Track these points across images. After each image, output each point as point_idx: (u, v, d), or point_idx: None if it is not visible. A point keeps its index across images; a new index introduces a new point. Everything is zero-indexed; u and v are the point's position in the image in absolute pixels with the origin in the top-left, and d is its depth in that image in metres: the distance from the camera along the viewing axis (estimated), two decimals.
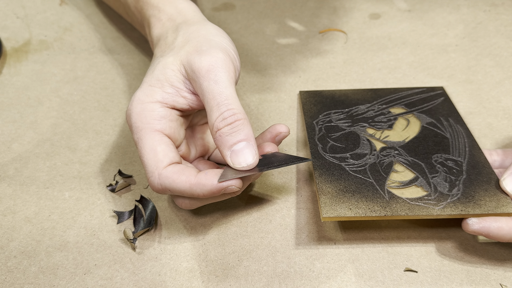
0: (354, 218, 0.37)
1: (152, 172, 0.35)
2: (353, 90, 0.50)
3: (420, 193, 0.39)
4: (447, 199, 0.38)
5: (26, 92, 0.54)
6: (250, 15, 0.62)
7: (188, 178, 0.35)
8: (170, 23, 0.43)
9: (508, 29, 0.57)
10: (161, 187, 0.35)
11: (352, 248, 0.39)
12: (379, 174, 0.40)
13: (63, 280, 0.38)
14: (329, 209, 0.37)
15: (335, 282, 0.37)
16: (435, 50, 0.56)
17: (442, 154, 0.42)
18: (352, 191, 0.39)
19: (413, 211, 0.37)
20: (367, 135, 0.44)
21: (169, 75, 0.37)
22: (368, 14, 0.61)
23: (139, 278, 0.38)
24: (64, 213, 0.42)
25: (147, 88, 0.37)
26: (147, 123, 0.36)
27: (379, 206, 0.37)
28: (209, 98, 0.35)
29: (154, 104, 0.37)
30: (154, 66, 0.39)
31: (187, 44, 0.39)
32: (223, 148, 0.35)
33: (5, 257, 0.39)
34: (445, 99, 0.48)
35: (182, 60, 0.37)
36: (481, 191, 0.39)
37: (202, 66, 0.36)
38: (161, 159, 0.35)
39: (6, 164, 0.47)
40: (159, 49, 0.41)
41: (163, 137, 0.36)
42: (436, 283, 0.37)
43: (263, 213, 0.42)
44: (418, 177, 0.40)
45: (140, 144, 0.36)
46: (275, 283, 0.37)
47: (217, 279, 0.38)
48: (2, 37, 0.61)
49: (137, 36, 0.60)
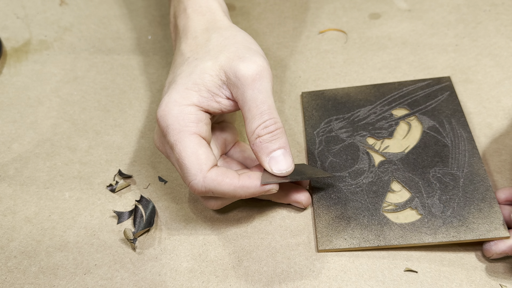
0: (348, 249, 0.38)
1: (195, 175, 0.36)
2: (355, 88, 0.50)
3: (414, 217, 0.39)
4: (440, 223, 0.38)
5: (26, 92, 0.54)
6: (250, 15, 0.62)
7: (232, 181, 0.36)
8: (197, 17, 0.42)
9: (509, 29, 0.57)
10: (205, 189, 0.36)
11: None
12: (375, 196, 0.41)
13: (63, 280, 0.38)
14: (325, 241, 0.39)
15: (335, 282, 0.37)
16: (435, 50, 0.56)
17: (441, 167, 0.42)
18: (348, 218, 0.40)
19: (406, 239, 0.38)
20: (366, 147, 0.44)
21: (207, 80, 0.38)
22: (368, 14, 0.61)
23: (139, 278, 0.38)
24: (64, 213, 0.42)
25: (184, 91, 0.37)
26: (185, 125, 0.36)
27: (373, 235, 0.38)
28: (252, 106, 0.36)
29: (191, 107, 0.37)
30: (190, 68, 0.38)
31: (225, 49, 0.39)
32: (262, 154, 0.37)
33: (5, 257, 0.39)
34: (451, 93, 0.48)
35: (223, 66, 0.38)
36: (476, 211, 0.39)
37: (249, 75, 0.36)
38: (204, 162, 0.36)
39: (6, 164, 0.47)
40: (188, 47, 0.41)
41: (201, 140, 0.37)
42: (436, 283, 0.37)
43: (263, 214, 0.42)
44: (414, 197, 0.40)
45: (179, 147, 0.36)
46: (275, 283, 0.37)
47: (217, 279, 0.38)
48: (2, 37, 0.61)
49: (137, 36, 0.60)
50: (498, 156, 0.45)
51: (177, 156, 0.36)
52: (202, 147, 0.36)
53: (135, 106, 0.52)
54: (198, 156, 0.36)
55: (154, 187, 0.44)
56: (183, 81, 0.38)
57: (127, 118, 0.51)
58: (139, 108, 0.52)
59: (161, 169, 0.46)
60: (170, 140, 0.37)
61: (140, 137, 0.49)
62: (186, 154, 0.36)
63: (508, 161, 0.45)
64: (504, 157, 0.45)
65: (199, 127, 0.37)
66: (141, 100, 0.53)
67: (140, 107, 0.52)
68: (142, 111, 0.51)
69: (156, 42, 0.59)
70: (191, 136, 0.36)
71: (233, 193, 0.36)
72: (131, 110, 0.51)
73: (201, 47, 0.40)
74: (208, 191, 0.36)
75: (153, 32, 0.61)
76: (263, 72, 0.37)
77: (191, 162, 0.36)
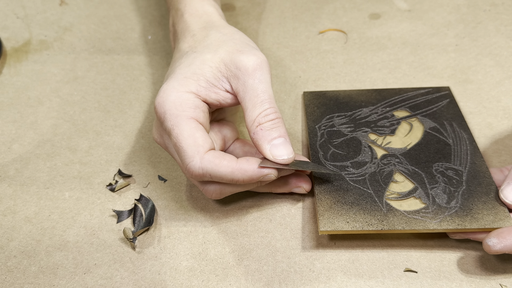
0: (351, 232, 0.37)
1: (192, 157, 0.36)
2: (357, 91, 0.50)
3: (418, 205, 0.39)
4: (444, 212, 0.38)
5: (26, 92, 0.54)
6: (250, 15, 0.62)
7: (230, 163, 0.36)
8: (194, 19, 0.44)
9: (508, 29, 0.57)
10: (202, 171, 0.36)
11: (352, 248, 0.39)
12: (378, 185, 0.40)
13: (63, 279, 0.38)
14: (326, 222, 0.38)
15: (335, 282, 0.37)
16: (435, 50, 0.56)
17: (443, 162, 0.42)
18: (351, 203, 0.39)
19: (410, 224, 0.37)
20: (368, 141, 0.44)
21: (206, 70, 0.38)
22: (368, 14, 0.61)
23: (139, 277, 0.38)
24: (64, 213, 0.42)
25: (182, 79, 0.38)
26: (183, 110, 0.37)
27: (376, 219, 0.38)
28: (253, 95, 0.37)
29: (189, 94, 0.38)
30: (189, 60, 0.39)
31: (223, 44, 0.40)
32: (263, 142, 0.37)
33: (5, 257, 0.39)
34: (451, 100, 0.48)
35: (223, 58, 0.38)
36: (480, 203, 0.38)
37: (249, 65, 0.37)
38: (201, 144, 0.36)
39: (6, 164, 0.47)
40: (186, 44, 0.42)
41: (198, 124, 0.37)
42: (436, 283, 0.37)
43: (263, 212, 0.42)
44: (417, 188, 0.40)
45: (176, 131, 0.36)
46: (275, 282, 0.37)
47: (217, 278, 0.38)
48: (2, 37, 0.61)
49: (137, 37, 0.60)
50: (498, 157, 0.45)
51: (174, 140, 0.37)
52: (199, 131, 0.36)
53: (135, 107, 0.52)
54: (196, 138, 0.36)
55: (154, 186, 0.44)
56: (181, 71, 0.39)
57: (127, 118, 0.51)
58: (139, 108, 0.52)
59: (161, 168, 0.46)
60: (167, 125, 0.37)
61: (140, 137, 0.49)
62: (183, 137, 0.36)
63: (508, 161, 0.45)
64: (504, 157, 0.45)
65: (197, 113, 0.37)
66: (141, 101, 0.53)
67: (140, 107, 0.52)
68: (142, 111, 0.51)
69: (156, 42, 0.59)
70: (188, 120, 0.36)
71: (230, 176, 0.36)
72: (131, 111, 0.51)
73: (199, 42, 0.41)
74: (205, 173, 0.36)
75: (153, 32, 0.61)
76: (263, 64, 0.38)
77: (188, 145, 0.36)
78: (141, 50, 0.59)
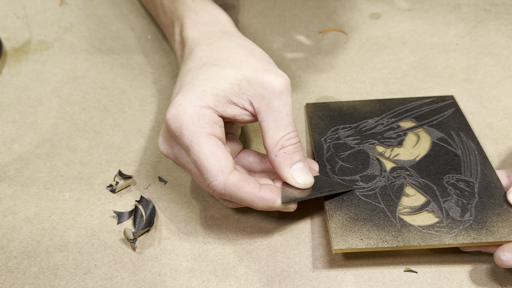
0: (365, 249, 0.36)
1: (216, 176, 0.35)
2: (361, 102, 0.49)
3: (432, 220, 0.38)
4: (459, 226, 0.37)
5: (26, 92, 0.54)
6: (250, 15, 0.62)
7: (253, 190, 0.36)
8: (207, 28, 0.43)
9: (509, 28, 0.57)
10: (225, 192, 0.36)
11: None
12: (390, 199, 0.40)
13: (63, 280, 0.38)
14: (340, 240, 0.37)
15: (335, 282, 0.37)
16: (435, 50, 0.56)
17: (454, 174, 0.41)
18: (363, 219, 0.38)
19: (425, 240, 0.36)
20: (376, 154, 0.43)
21: (227, 86, 0.37)
22: (368, 14, 0.61)
23: (139, 278, 0.38)
24: (65, 214, 0.42)
25: (201, 93, 0.37)
26: (201, 126, 0.36)
27: (390, 235, 0.37)
28: (277, 117, 0.37)
29: (207, 109, 0.37)
30: (209, 73, 0.38)
31: (246, 60, 0.39)
32: (285, 166, 0.37)
33: (5, 257, 0.39)
34: (456, 110, 0.47)
35: (247, 76, 0.38)
36: (494, 215, 0.38)
37: (277, 86, 0.37)
38: (225, 164, 0.36)
39: (6, 164, 0.47)
40: (203, 52, 0.41)
41: (218, 141, 0.36)
42: (436, 283, 0.37)
43: (263, 213, 0.42)
44: (430, 201, 0.39)
45: (197, 148, 0.35)
46: (275, 283, 0.37)
47: (217, 279, 0.38)
48: (2, 37, 0.61)
49: (137, 36, 0.60)
50: (498, 157, 0.45)
51: (194, 158, 0.36)
52: (220, 148, 0.36)
53: (135, 106, 0.52)
54: (217, 157, 0.35)
55: (154, 188, 0.44)
56: (201, 84, 0.38)
57: (127, 118, 0.51)
58: (139, 108, 0.52)
59: (161, 169, 0.46)
60: (184, 142, 0.36)
61: (140, 137, 0.49)
62: (204, 156, 0.35)
63: (508, 161, 0.45)
64: (504, 157, 0.45)
65: (214, 129, 0.36)
66: (141, 100, 0.53)
67: (140, 107, 0.52)
68: (142, 111, 0.51)
69: (156, 42, 0.59)
70: (207, 137, 0.36)
71: (251, 203, 0.36)
72: (131, 110, 0.51)
73: (217, 53, 0.40)
74: (227, 194, 0.36)
75: (153, 32, 0.61)
76: (288, 86, 0.38)
77: (211, 164, 0.35)
78: (141, 49, 0.59)
